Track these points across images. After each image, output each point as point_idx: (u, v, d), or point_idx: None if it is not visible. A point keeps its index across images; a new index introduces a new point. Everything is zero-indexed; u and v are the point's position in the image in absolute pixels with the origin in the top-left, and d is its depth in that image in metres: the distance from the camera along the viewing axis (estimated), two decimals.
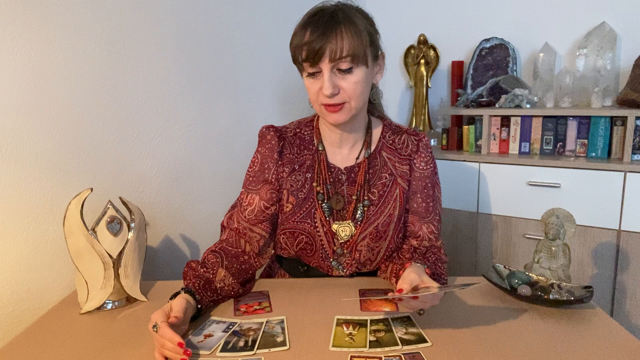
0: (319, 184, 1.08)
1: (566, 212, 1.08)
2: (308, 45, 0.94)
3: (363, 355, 0.80)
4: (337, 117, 0.99)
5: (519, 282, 1.02)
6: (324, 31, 0.93)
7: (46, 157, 1.07)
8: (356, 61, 0.95)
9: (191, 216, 1.48)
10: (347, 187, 1.09)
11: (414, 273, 0.89)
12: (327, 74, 0.95)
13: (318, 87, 0.97)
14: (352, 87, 0.97)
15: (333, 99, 0.97)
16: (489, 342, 0.84)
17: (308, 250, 1.08)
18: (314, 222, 1.06)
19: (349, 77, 0.96)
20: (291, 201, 1.08)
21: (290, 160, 1.10)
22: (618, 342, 0.84)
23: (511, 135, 1.93)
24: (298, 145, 1.11)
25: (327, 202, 1.07)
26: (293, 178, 1.09)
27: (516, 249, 1.87)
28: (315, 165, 1.09)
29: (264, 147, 1.10)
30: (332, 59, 0.93)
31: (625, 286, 1.67)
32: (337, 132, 1.08)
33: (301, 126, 1.14)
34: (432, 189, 1.11)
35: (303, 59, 0.96)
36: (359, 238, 1.06)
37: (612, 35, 1.87)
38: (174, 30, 1.37)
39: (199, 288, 0.96)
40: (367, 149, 1.10)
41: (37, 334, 0.90)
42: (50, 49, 1.05)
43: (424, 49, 2.29)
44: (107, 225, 1.00)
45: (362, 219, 1.06)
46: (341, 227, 1.06)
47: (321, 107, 1.00)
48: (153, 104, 1.32)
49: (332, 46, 0.93)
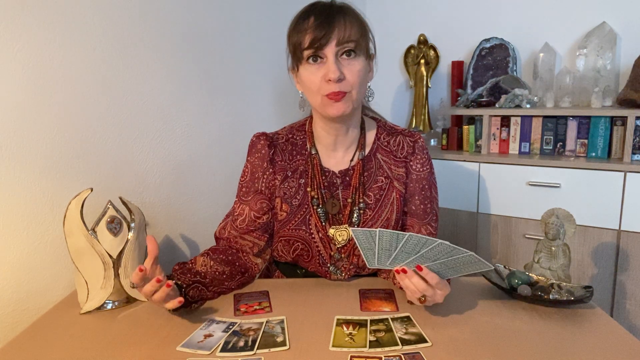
0: (313, 189, 1.06)
1: (566, 212, 1.08)
2: (313, 30, 0.93)
3: (363, 355, 0.80)
4: (340, 107, 0.96)
5: (519, 282, 1.02)
6: (329, 16, 0.94)
7: (46, 157, 1.07)
8: (359, 48, 0.96)
9: (191, 216, 1.48)
10: (342, 190, 1.07)
11: None
12: (333, 59, 0.94)
13: (320, 75, 0.95)
14: (355, 75, 0.96)
15: (338, 85, 0.94)
16: (489, 342, 0.84)
17: (304, 256, 1.08)
18: (309, 229, 1.06)
19: (353, 63, 0.96)
20: (285, 209, 1.07)
21: (283, 167, 1.08)
22: (618, 342, 0.84)
23: (511, 135, 1.93)
24: (290, 152, 1.10)
25: (323, 207, 1.06)
26: (286, 185, 1.08)
27: (516, 249, 1.87)
28: (308, 170, 1.08)
29: (254, 157, 1.09)
30: (340, 41, 0.93)
31: (625, 286, 1.67)
32: (332, 133, 1.06)
33: (293, 131, 1.12)
34: (429, 190, 1.10)
35: (306, 45, 0.94)
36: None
37: (612, 35, 1.87)
38: (174, 30, 1.37)
39: (177, 271, 0.99)
40: (361, 150, 1.09)
41: (37, 334, 0.90)
42: (50, 49, 1.05)
43: (424, 49, 2.29)
44: (107, 225, 1.00)
45: (359, 223, 1.06)
46: (338, 232, 1.06)
47: (323, 99, 0.97)
48: (153, 104, 1.32)
49: (339, 29, 0.93)
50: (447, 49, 2.26)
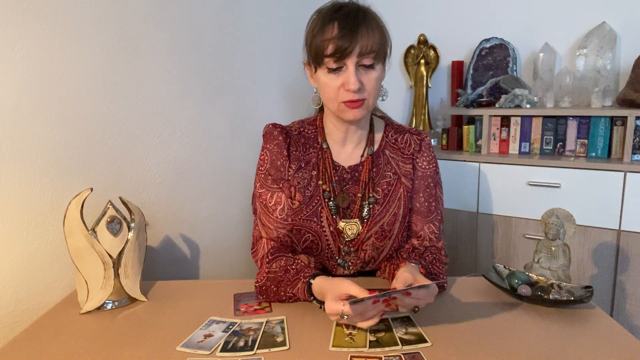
0: (324, 182, 1.08)
1: (566, 212, 1.08)
2: (337, 40, 0.93)
3: (363, 355, 0.80)
4: (357, 113, 0.99)
5: (519, 282, 1.02)
6: (354, 26, 0.94)
7: (46, 157, 1.07)
8: (378, 58, 0.97)
9: (191, 216, 1.48)
10: (352, 185, 1.09)
11: (407, 272, 0.90)
12: (353, 69, 0.95)
13: (339, 83, 0.97)
14: (372, 84, 0.98)
15: (357, 94, 0.96)
16: (489, 342, 0.84)
17: (313, 248, 1.08)
18: (320, 221, 1.06)
19: (371, 73, 0.97)
20: (298, 198, 1.07)
21: (297, 157, 1.10)
22: (618, 342, 0.84)
23: (511, 135, 1.93)
24: (303, 144, 1.11)
25: (334, 200, 1.07)
26: (300, 175, 1.08)
27: (516, 249, 1.87)
28: (320, 164, 1.09)
29: (272, 144, 1.09)
30: (361, 53, 0.94)
31: (625, 286, 1.67)
32: (342, 129, 1.08)
33: (304, 125, 1.14)
34: (434, 188, 1.11)
35: (328, 54, 0.95)
36: (365, 237, 1.06)
37: (612, 35, 1.87)
38: (174, 30, 1.37)
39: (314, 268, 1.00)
40: (370, 147, 1.11)
41: (37, 334, 0.90)
42: (50, 49, 1.05)
43: (424, 49, 2.29)
44: (107, 225, 1.00)
45: (369, 217, 1.07)
46: (348, 226, 1.06)
47: (340, 105, 0.99)
48: (153, 104, 1.32)
49: (362, 42, 0.93)
50: (447, 49, 2.26)
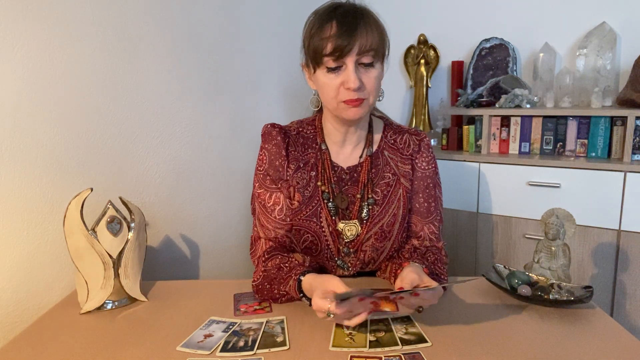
0: (323, 183, 1.08)
1: (566, 212, 1.08)
2: (336, 39, 0.93)
3: (363, 355, 0.80)
4: (357, 112, 0.99)
5: (519, 282, 1.02)
6: (352, 25, 0.94)
7: (46, 157, 1.07)
8: (377, 56, 0.97)
9: (191, 216, 1.48)
10: (351, 186, 1.08)
11: (413, 273, 0.90)
12: (352, 68, 0.94)
13: (339, 82, 0.96)
14: (372, 83, 0.97)
15: (357, 93, 0.96)
16: (489, 342, 0.84)
17: (313, 249, 1.08)
18: (319, 222, 1.06)
19: (371, 71, 0.97)
20: (297, 198, 1.07)
21: (295, 157, 1.09)
22: (618, 342, 0.84)
23: (511, 135, 1.93)
24: (302, 144, 1.11)
25: (333, 202, 1.07)
26: (299, 175, 1.08)
27: (516, 249, 1.87)
28: (319, 164, 1.09)
29: (270, 144, 1.09)
30: (360, 51, 0.93)
31: (625, 286, 1.67)
32: (342, 130, 1.08)
33: (303, 125, 1.14)
34: (433, 189, 1.11)
35: (327, 52, 0.94)
36: (365, 238, 1.06)
37: (612, 35, 1.87)
38: (174, 30, 1.37)
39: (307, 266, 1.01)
40: (369, 147, 1.10)
41: (37, 334, 0.90)
42: (50, 49, 1.05)
43: (424, 49, 2.29)
44: (107, 225, 1.00)
45: (368, 218, 1.06)
46: (347, 227, 1.06)
47: (339, 104, 0.99)
48: (153, 104, 1.32)
49: (361, 40, 0.93)
50: (447, 49, 2.26)
